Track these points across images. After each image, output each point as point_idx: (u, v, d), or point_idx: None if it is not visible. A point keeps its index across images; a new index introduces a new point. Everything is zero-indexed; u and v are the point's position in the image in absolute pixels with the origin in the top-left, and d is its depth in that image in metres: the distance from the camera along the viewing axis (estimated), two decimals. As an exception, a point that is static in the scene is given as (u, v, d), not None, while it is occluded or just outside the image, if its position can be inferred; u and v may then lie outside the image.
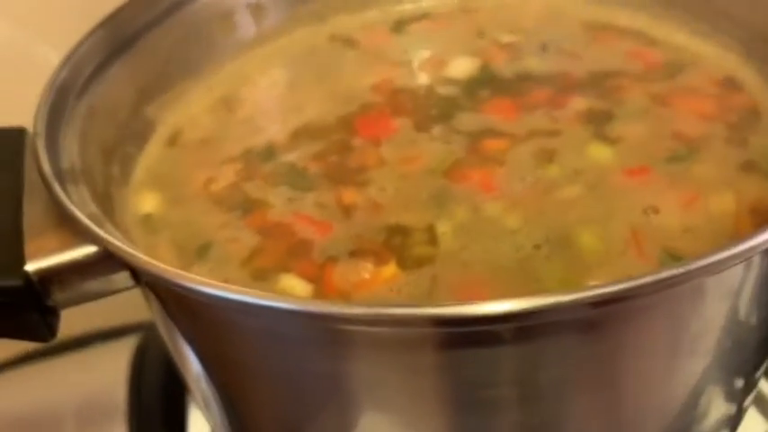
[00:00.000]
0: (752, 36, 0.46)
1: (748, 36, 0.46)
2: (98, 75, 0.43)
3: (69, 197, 0.35)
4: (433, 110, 0.46)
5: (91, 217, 0.34)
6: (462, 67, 0.49)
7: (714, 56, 0.47)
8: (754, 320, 0.35)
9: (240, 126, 0.47)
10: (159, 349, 0.94)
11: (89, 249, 0.34)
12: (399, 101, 0.47)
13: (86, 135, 0.41)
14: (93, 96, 0.43)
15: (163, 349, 0.47)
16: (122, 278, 0.35)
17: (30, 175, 0.38)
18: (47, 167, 0.36)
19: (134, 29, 0.46)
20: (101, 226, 0.34)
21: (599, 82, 0.46)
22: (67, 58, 0.42)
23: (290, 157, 0.44)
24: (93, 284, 0.34)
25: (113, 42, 0.45)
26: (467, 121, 0.44)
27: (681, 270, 0.27)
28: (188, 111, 0.48)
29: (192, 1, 0.48)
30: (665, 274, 0.27)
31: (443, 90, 0.47)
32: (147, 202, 0.43)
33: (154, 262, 0.31)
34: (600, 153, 0.42)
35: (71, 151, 0.39)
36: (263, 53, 0.52)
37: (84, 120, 0.41)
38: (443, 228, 0.38)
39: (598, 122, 0.43)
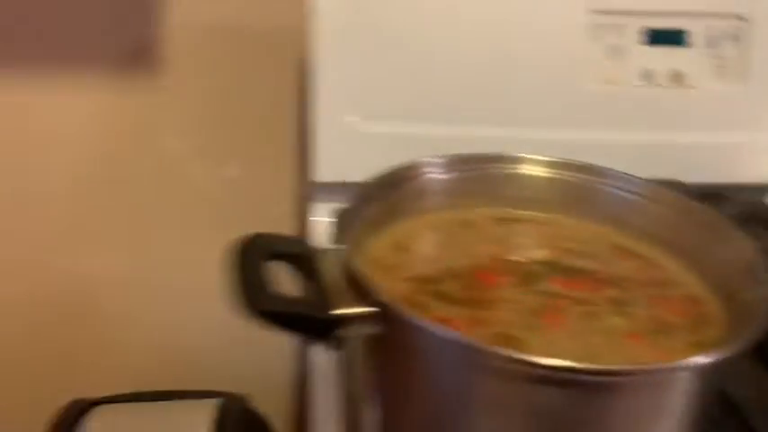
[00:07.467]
0: (717, 282, 0.73)
1: (715, 281, 0.74)
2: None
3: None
4: (524, 276, 0.73)
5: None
6: (541, 254, 0.79)
7: (690, 283, 0.76)
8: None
9: (409, 262, 0.74)
10: (240, 413, 1.17)
11: (371, 309, 0.56)
12: (504, 266, 0.75)
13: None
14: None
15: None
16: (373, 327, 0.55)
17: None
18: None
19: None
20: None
21: (619, 282, 0.74)
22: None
23: (442, 286, 0.71)
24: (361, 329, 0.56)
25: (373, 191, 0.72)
26: (545, 286, 0.73)
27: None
28: (377, 245, 0.75)
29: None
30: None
31: (532, 266, 0.76)
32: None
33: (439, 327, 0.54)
34: (617, 322, 0.69)
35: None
36: (427, 219, 0.80)
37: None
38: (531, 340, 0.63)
39: (618, 304, 0.70)
